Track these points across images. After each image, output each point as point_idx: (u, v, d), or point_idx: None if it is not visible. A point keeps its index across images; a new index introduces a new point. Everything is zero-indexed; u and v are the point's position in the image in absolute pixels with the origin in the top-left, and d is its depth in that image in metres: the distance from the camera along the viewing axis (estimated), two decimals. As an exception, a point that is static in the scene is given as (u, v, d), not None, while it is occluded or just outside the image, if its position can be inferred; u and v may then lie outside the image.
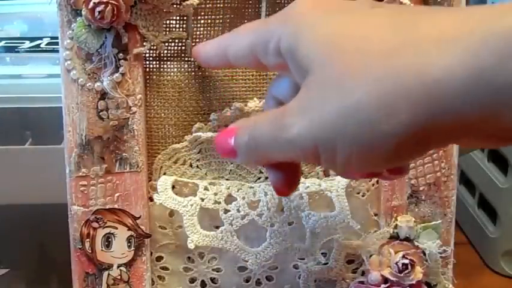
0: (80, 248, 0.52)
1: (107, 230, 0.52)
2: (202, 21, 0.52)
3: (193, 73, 0.53)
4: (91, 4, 0.48)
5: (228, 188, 0.52)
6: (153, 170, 0.54)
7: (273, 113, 0.38)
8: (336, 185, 0.53)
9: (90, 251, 0.52)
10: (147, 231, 0.53)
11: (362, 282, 0.53)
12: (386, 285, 0.52)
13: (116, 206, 0.52)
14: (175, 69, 0.53)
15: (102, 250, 0.52)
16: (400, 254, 0.52)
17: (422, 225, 0.53)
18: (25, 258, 0.70)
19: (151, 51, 0.52)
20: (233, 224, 0.51)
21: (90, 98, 0.50)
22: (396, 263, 0.51)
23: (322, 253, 0.52)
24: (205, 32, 0.52)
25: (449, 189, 0.54)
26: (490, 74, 0.30)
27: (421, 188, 0.54)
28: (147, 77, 0.52)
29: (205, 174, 0.54)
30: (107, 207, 0.52)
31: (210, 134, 0.53)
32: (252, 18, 0.52)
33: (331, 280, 0.56)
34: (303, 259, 0.55)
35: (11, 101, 0.62)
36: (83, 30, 0.49)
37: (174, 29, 0.52)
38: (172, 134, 0.54)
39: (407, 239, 0.53)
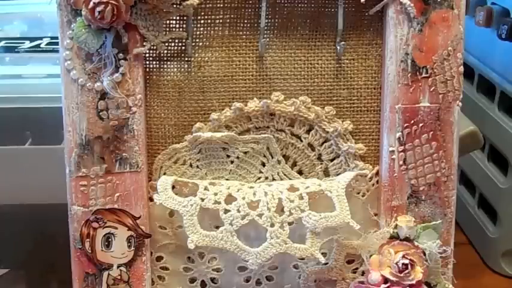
0: (80, 248, 0.52)
1: (107, 230, 0.52)
2: (202, 21, 0.52)
3: (193, 73, 0.53)
4: (91, 4, 0.48)
5: (228, 188, 0.52)
6: (153, 170, 0.54)
7: None
8: (336, 185, 0.53)
9: (90, 251, 0.52)
10: (147, 231, 0.53)
11: (362, 282, 0.53)
12: (387, 285, 0.52)
13: (116, 206, 0.52)
14: (176, 69, 0.53)
15: (102, 250, 0.52)
16: (400, 254, 0.52)
17: (423, 225, 0.53)
18: (25, 258, 0.70)
19: (151, 51, 0.52)
20: (233, 224, 0.51)
21: (90, 98, 0.50)
22: (396, 263, 0.51)
23: (322, 253, 0.52)
24: (205, 31, 0.52)
25: (449, 189, 0.54)
26: None
27: (421, 188, 0.54)
28: (147, 77, 0.52)
29: (205, 174, 0.54)
30: (107, 207, 0.52)
31: (210, 134, 0.53)
32: (251, 18, 0.52)
33: (331, 280, 0.56)
34: (303, 259, 0.55)
35: (11, 101, 0.62)
36: (83, 30, 0.49)
37: (174, 29, 0.52)
38: (172, 134, 0.54)
39: (407, 239, 0.53)
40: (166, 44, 0.52)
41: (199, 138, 0.53)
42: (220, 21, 0.52)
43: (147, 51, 0.51)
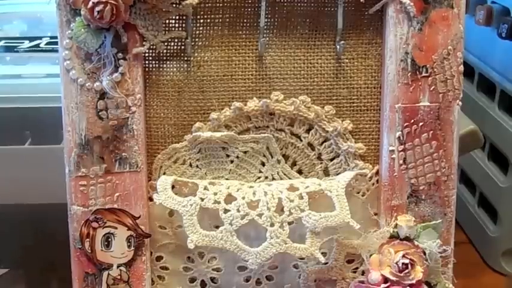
0: (79, 248, 0.52)
1: (107, 230, 0.52)
2: (201, 21, 0.52)
3: (192, 73, 0.53)
4: (90, 4, 0.47)
5: (228, 188, 0.52)
6: (153, 170, 0.54)
7: None
8: (336, 184, 0.53)
9: (90, 251, 0.52)
10: (146, 231, 0.53)
11: (362, 282, 0.53)
12: (386, 284, 0.52)
13: (115, 205, 0.52)
14: (175, 69, 0.53)
15: (101, 250, 0.52)
16: (400, 253, 0.52)
17: (423, 224, 0.53)
18: (25, 258, 0.70)
19: (150, 51, 0.52)
20: (233, 224, 0.51)
21: (89, 97, 0.50)
22: (396, 263, 0.51)
23: (322, 253, 0.52)
24: (204, 31, 0.52)
25: (449, 188, 0.54)
26: None
27: (421, 188, 0.54)
28: (147, 76, 0.52)
29: (205, 173, 0.54)
30: (107, 207, 0.52)
31: (209, 134, 0.53)
32: (251, 17, 0.52)
33: (331, 280, 0.56)
34: (303, 259, 0.55)
35: (10, 101, 0.62)
36: (82, 29, 0.49)
37: (173, 29, 0.52)
38: (172, 133, 0.54)
39: (407, 239, 0.53)
40: (166, 44, 0.52)
41: (199, 137, 0.53)
42: (220, 20, 0.52)
43: (147, 51, 0.51)
